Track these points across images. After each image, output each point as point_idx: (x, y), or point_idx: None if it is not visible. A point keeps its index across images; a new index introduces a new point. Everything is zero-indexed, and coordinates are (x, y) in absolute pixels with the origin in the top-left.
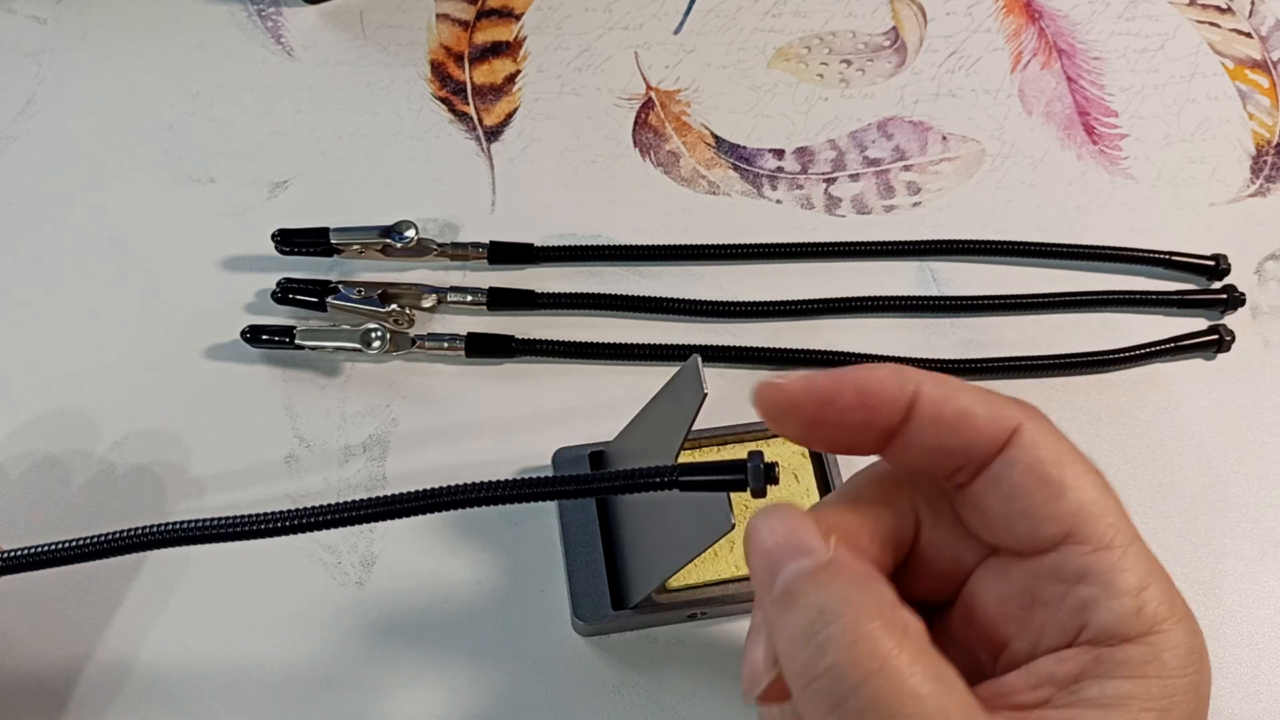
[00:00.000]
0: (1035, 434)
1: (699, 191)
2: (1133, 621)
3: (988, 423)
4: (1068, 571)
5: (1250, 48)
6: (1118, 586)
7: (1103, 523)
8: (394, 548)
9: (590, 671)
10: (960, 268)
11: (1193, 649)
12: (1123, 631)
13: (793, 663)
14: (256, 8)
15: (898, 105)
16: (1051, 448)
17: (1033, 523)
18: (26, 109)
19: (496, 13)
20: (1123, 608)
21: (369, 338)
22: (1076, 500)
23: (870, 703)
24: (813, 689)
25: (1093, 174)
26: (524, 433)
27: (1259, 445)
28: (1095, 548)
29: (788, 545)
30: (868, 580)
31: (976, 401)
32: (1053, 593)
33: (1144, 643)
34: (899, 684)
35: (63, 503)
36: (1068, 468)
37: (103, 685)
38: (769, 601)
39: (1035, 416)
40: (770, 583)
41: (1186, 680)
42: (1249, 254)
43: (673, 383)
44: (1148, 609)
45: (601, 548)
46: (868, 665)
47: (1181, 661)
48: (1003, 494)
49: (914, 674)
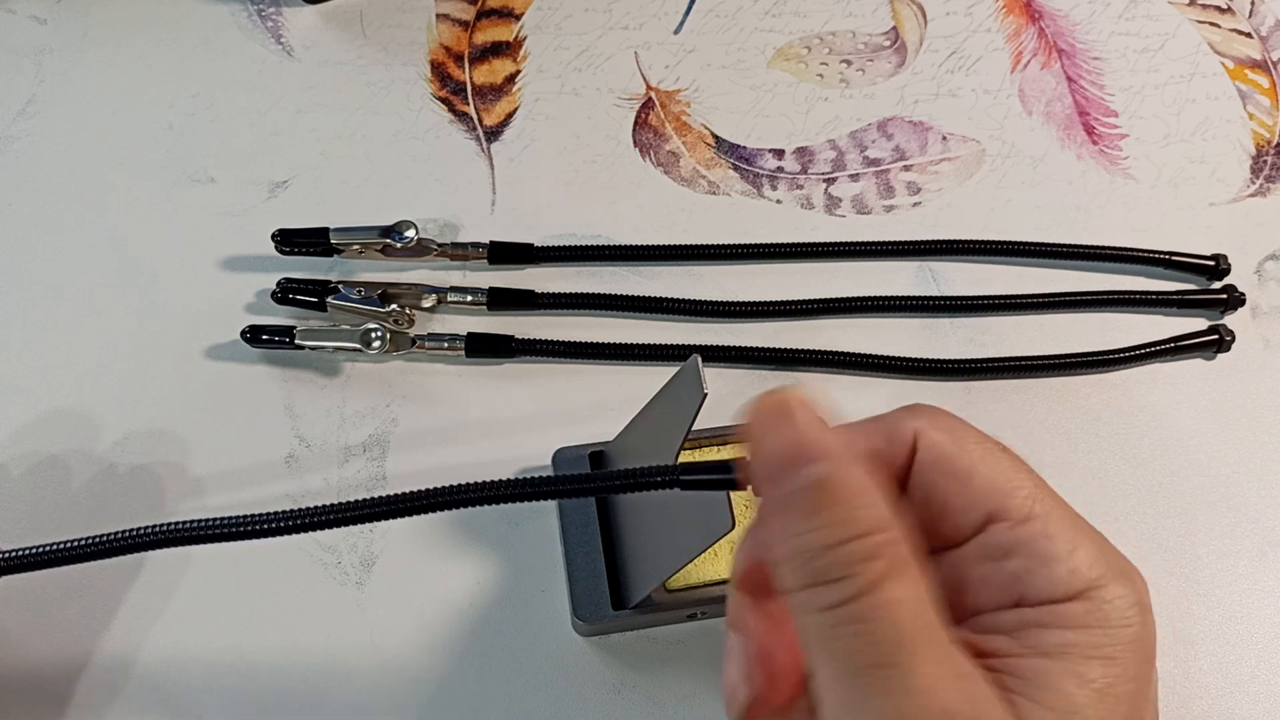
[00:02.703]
0: (932, 432)
1: (699, 191)
2: (1067, 584)
3: (890, 450)
4: (994, 549)
5: (1250, 48)
6: (1046, 554)
7: (1018, 496)
8: (394, 548)
9: (590, 671)
10: (960, 268)
11: (1134, 601)
12: (1059, 594)
13: (800, 568)
14: (256, 8)
15: (898, 105)
16: (950, 440)
17: (953, 515)
18: (26, 109)
19: (496, 13)
20: (1054, 573)
21: (369, 338)
22: (987, 481)
23: (870, 609)
24: (816, 592)
25: (1093, 174)
26: (524, 433)
27: (1259, 445)
28: (1016, 521)
29: (817, 440)
30: (875, 490)
31: (874, 437)
32: (983, 572)
33: (1083, 598)
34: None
35: (63, 502)
36: (972, 453)
37: (103, 685)
38: (774, 507)
39: (928, 415)
40: (788, 474)
41: (1130, 630)
42: (1249, 254)
43: (673, 383)
44: (1080, 569)
45: (601, 548)
46: (877, 574)
47: (1122, 613)
48: (920, 501)
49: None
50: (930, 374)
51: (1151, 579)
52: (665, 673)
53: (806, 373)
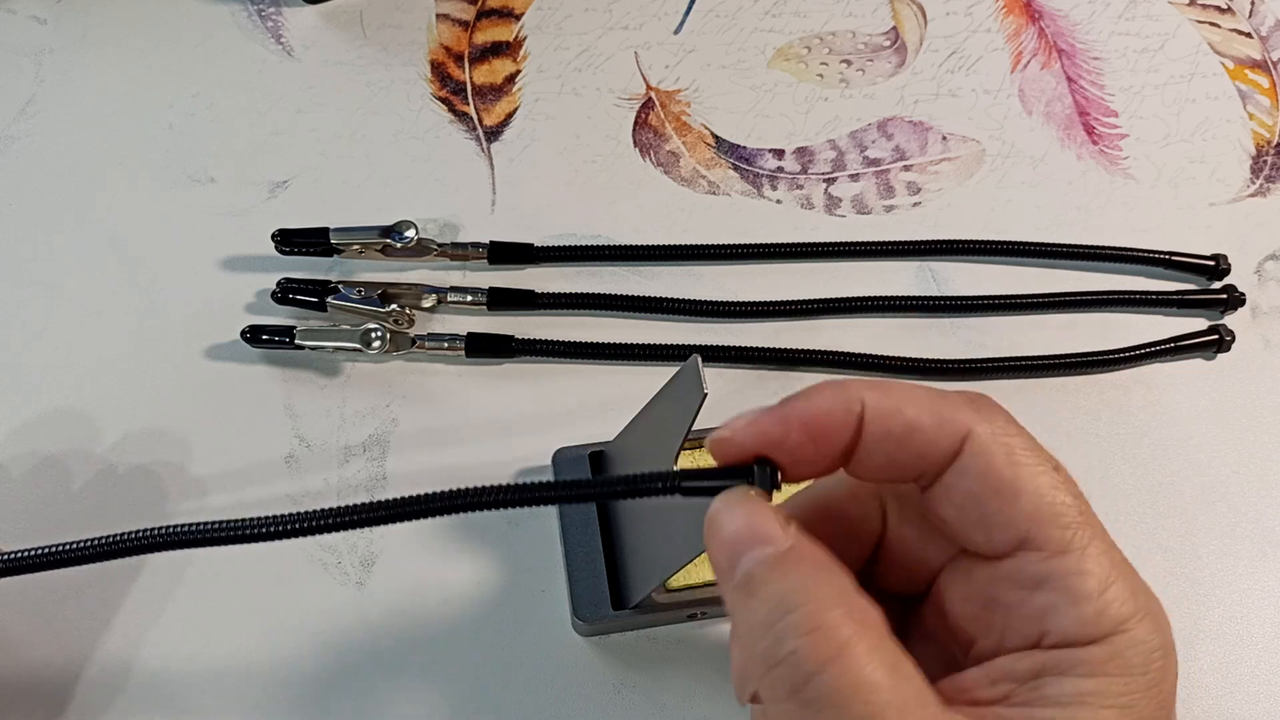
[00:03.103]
0: (986, 438)
1: (699, 191)
2: (1094, 625)
3: (936, 431)
4: (1026, 578)
5: (1250, 48)
6: (1077, 592)
7: (1058, 525)
8: (394, 548)
9: (590, 671)
10: (960, 268)
11: (1157, 645)
12: (1084, 636)
13: (753, 649)
14: (256, 8)
15: (898, 105)
16: (1002, 451)
17: (988, 530)
18: (26, 109)
19: (496, 13)
20: (1082, 614)
21: (369, 338)
22: (1031, 505)
23: (827, 690)
24: (772, 675)
25: (1093, 174)
26: (524, 433)
27: (1259, 445)
28: (1052, 553)
29: (748, 533)
30: (827, 569)
31: (923, 411)
32: (1012, 598)
33: (1106, 642)
34: (856, 672)
35: (64, 502)
36: (1021, 470)
37: (103, 685)
38: (728, 590)
39: (987, 415)
40: (731, 571)
41: (1149, 677)
42: (1249, 254)
43: (673, 383)
44: (1110, 611)
45: (601, 548)
46: (825, 652)
47: (1144, 658)
48: (956, 502)
49: (871, 663)
50: (930, 374)
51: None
52: (665, 673)
53: (806, 373)
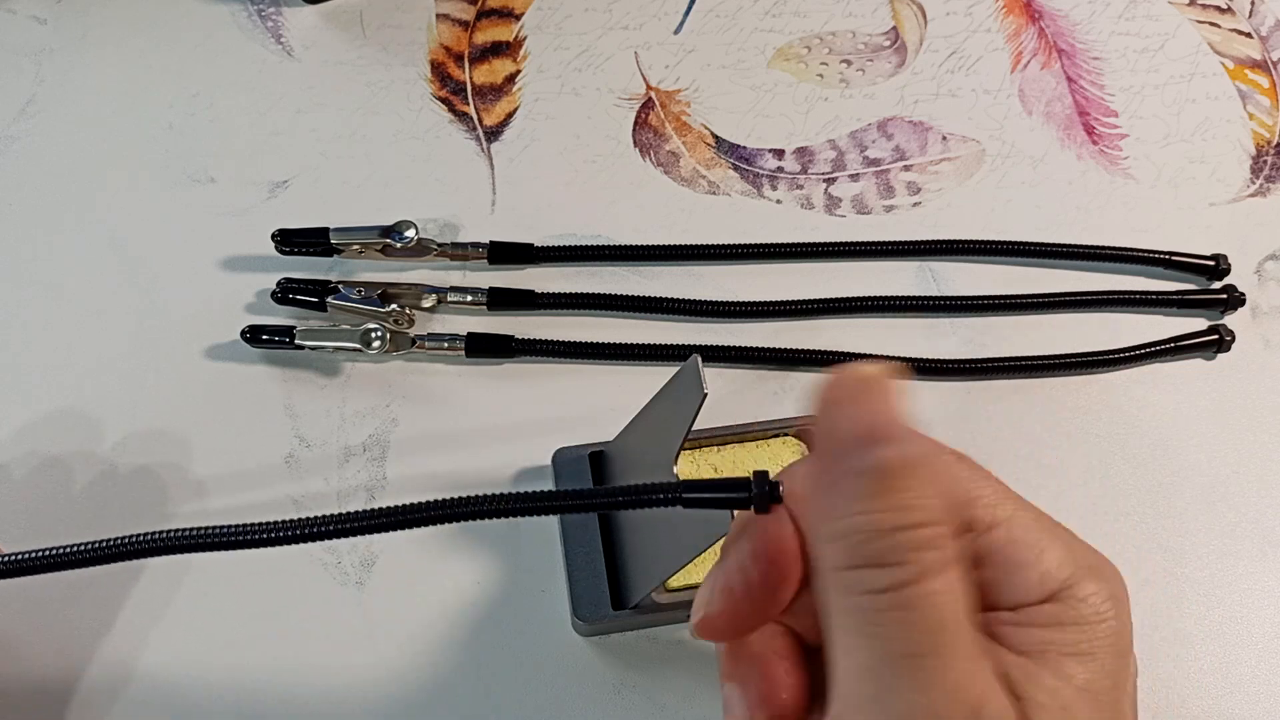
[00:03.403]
0: None
1: (699, 191)
2: (1038, 589)
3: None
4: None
5: (1250, 48)
6: (1014, 561)
7: (980, 505)
8: (394, 548)
9: (590, 671)
10: (960, 268)
11: (1106, 595)
12: (1031, 600)
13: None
14: (256, 8)
15: (898, 105)
16: None
17: None
18: (26, 109)
19: (496, 13)
20: (1024, 580)
21: (369, 338)
22: (946, 493)
23: (918, 598)
24: (863, 573)
25: (1093, 174)
26: (524, 432)
27: (1259, 445)
28: (980, 531)
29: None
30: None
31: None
32: None
33: (1056, 599)
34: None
35: (65, 503)
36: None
37: (104, 687)
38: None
39: None
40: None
41: (1105, 625)
42: (1249, 254)
43: (673, 383)
44: (1050, 572)
45: (601, 548)
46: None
47: (1096, 609)
48: None
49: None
50: (930, 374)
51: (1151, 579)
52: (665, 673)
53: (806, 373)
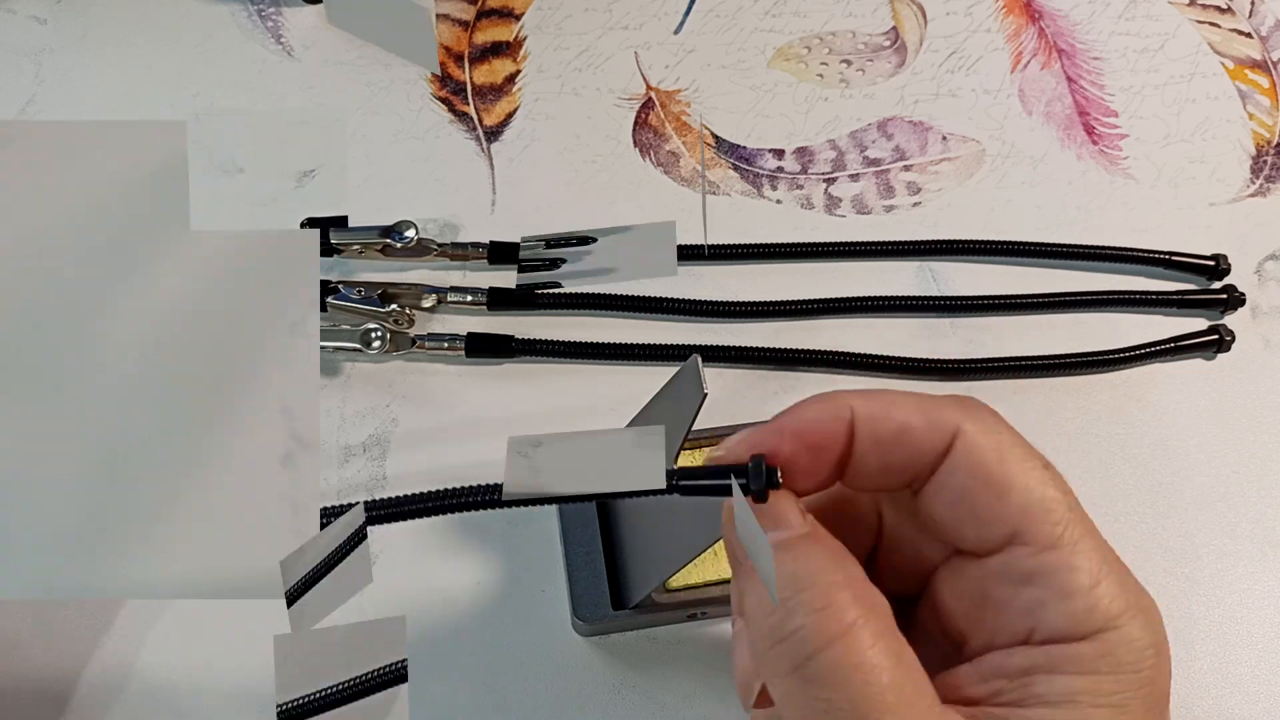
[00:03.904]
0: (975, 435)
1: (699, 191)
2: (1084, 621)
3: (926, 432)
4: (1015, 573)
5: (1250, 48)
6: (1066, 587)
7: (1048, 521)
8: (393, 547)
9: (590, 671)
10: (960, 268)
11: (1149, 643)
12: (1073, 632)
13: (761, 625)
14: (256, 8)
15: (898, 105)
16: (992, 447)
17: (978, 526)
18: (26, 109)
19: (496, 13)
20: (1072, 609)
21: (369, 338)
22: (1021, 500)
23: (829, 668)
24: (777, 650)
25: (1093, 174)
26: (524, 432)
27: (1259, 445)
28: (1041, 548)
29: (766, 518)
30: (840, 556)
31: (912, 413)
32: (1002, 594)
33: (1096, 639)
34: (860, 653)
35: None
36: (1011, 466)
37: (103, 688)
38: (743, 571)
39: (975, 415)
40: (745, 556)
41: (1141, 675)
42: (1249, 254)
43: (673, 383)
44: (1100, 606)
45: (601, 548)
46: (832, 630)
47: (1136, 656)
48: (948, 500)
49: (875, 646)
50: (930, 374)
51: (1151, 579)
52: (665, 673)
53: (806, 373)
